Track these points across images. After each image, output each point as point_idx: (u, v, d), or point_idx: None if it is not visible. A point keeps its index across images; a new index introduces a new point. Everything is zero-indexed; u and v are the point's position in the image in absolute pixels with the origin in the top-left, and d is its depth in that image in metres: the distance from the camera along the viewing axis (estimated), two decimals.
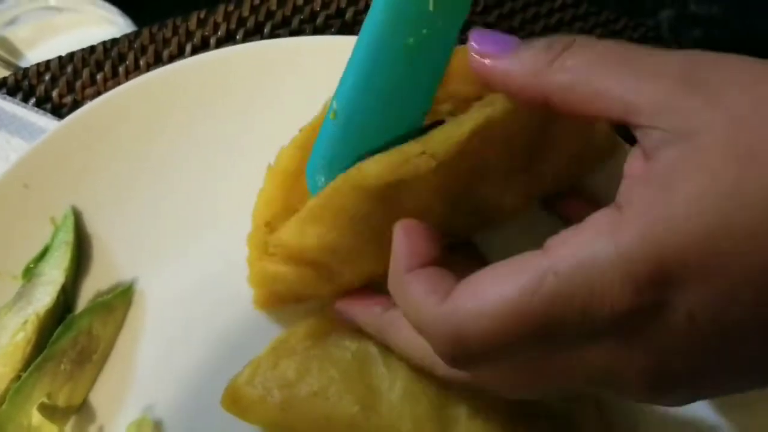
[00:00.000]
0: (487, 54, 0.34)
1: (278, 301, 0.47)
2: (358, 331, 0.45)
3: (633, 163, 0.31)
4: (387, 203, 0.39)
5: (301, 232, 0.41)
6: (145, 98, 0.49)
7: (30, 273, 0.47)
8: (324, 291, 0.44)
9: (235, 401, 0.45)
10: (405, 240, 0.37)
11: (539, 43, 0.33)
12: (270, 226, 0.43)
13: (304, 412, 0.44)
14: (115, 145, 0.49)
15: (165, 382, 0.47)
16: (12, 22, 0.75)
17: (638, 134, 0.30)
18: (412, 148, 0.38)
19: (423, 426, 0.44)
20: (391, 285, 0.37)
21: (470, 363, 0.33)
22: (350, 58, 0.37)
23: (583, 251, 0.29)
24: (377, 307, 0.42)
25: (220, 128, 0.50)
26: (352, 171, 0.38)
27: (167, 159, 0.49)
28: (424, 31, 0.35)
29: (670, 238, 0.27)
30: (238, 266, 0.48)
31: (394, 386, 0.44)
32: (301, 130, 0.43)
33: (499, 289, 0.30)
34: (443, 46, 0.37)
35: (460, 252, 0.44)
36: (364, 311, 0.43)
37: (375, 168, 0.38)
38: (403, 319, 0.37)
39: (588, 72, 0.31)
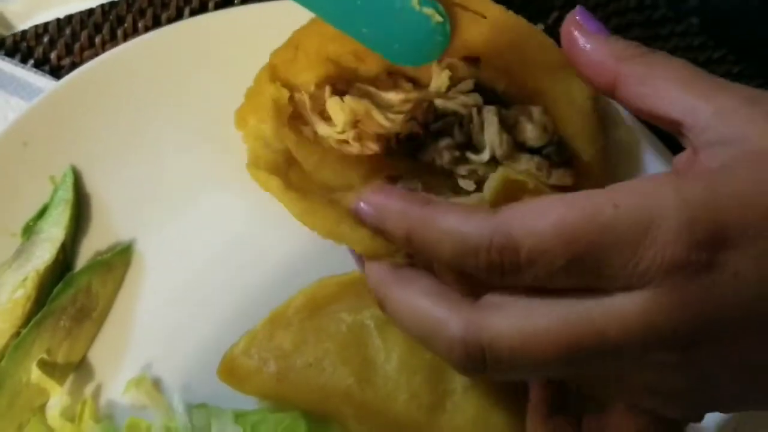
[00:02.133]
0: (585, 28, 0.38)
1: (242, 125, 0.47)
2: (354, 305, 0.46)
3: (681, 158, 0.35)
4: None
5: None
6: (144, 59, 0.49)
7: (29, 231, 0.47)
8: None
9: (231, 372, 0.45)
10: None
11: (629, 42, 0.37)
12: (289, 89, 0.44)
13: (300, 383, 0.45)
14: (114, 105, 0.49)
15: (164, 340, 0.47)
16: None
17: (692, 135, 0.33)
18: None
19: (419, 397, 0.44)
20: None
21: (515, 273, 0.32)
22: None
23: (647, 191, 0.31)
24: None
25: (219, 89, 0.49)
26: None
27: (167, 119, 0.49)
28: None
29: (733, 202, 0.30)
30: (237, 228, 0.49)
31: (390, 358, 0.45)
32: None
33: (555, 209, 0.31)
34: None
35: None
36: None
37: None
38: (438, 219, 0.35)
39: (661, 73, 0.35)
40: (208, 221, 0.49)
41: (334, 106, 0.43)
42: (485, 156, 0.42)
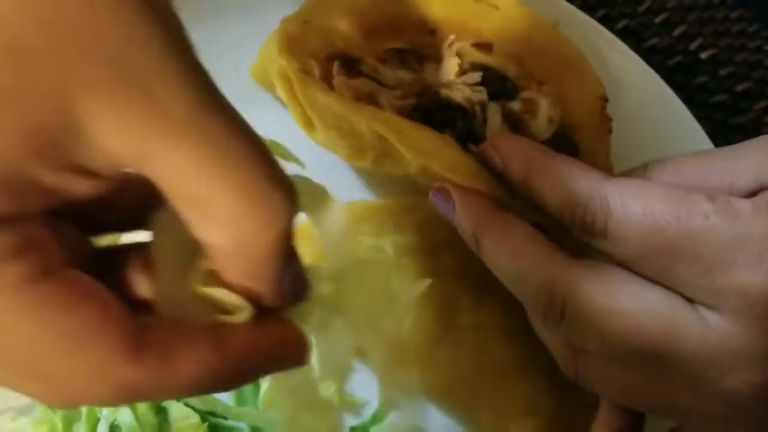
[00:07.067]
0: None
1: (266, 83, 0.48)
2: (377, 231, 0.46)
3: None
4: None
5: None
6: None
7: None
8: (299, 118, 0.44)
9: None
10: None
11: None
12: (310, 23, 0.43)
13: None
14: None
15: None
16: None
17: None
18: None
19: (424, 327, 0.45)
20: None
21: (601, 240, 0.33)
22: None
23: (744, 212, 0.31)
24: None
25: (224, 27, 0.50)
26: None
27: None
28: None
29: None
30: None
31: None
32: None
33: (652, 194, 0.33)
34: None
35: None
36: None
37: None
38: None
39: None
40: None
41: (340, 84, 0.43)
42: None
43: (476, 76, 0.43)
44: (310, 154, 0.46)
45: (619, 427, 0.38)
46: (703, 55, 0.55)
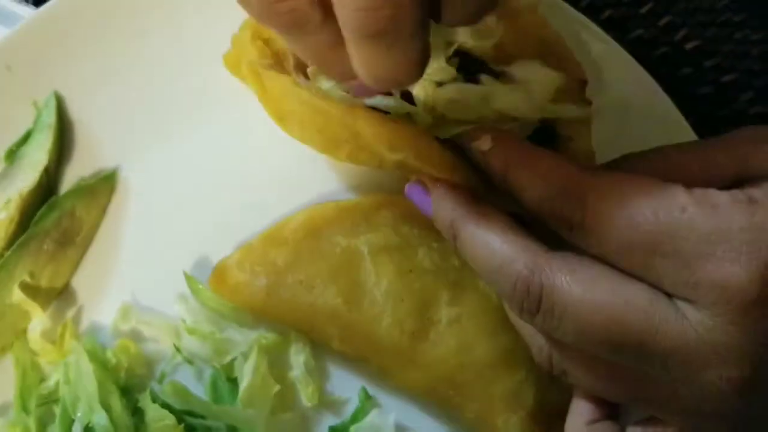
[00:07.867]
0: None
1: (240, 74, 0.47)
2: (351, 230, 0.46)
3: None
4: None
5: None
6: None
7: (13, 156, 0.47)
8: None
9: (222, 281, 0.45)
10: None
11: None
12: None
13: (288, 299, 0.45)
14: (99, 31, 0.49)
15: (148, 268, 0.47)
16: None
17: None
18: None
19: (403, 323, 0.45)
20: None
21: (579, 233, 0.33)
22: None
23: (722, 204, 0.31)
24: None
25: (205, 16, 0.49)
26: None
27: (152, 46, 0.49)
28: None
29: None
30: (222, 156, 0.49)
31: (379, 283, 0.45)
32: None
33: (629, 187, 0.33)
34: None
35: None
36: None
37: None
38: None
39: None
40: (193, 148, 0.49)
41: (314, 73, 0.43)
42: None
43: (452, 72, 0.42)
44: (283, 147, 0.48)
45: (594, 419, 0.37)
46: (688, 47, 0.54)
